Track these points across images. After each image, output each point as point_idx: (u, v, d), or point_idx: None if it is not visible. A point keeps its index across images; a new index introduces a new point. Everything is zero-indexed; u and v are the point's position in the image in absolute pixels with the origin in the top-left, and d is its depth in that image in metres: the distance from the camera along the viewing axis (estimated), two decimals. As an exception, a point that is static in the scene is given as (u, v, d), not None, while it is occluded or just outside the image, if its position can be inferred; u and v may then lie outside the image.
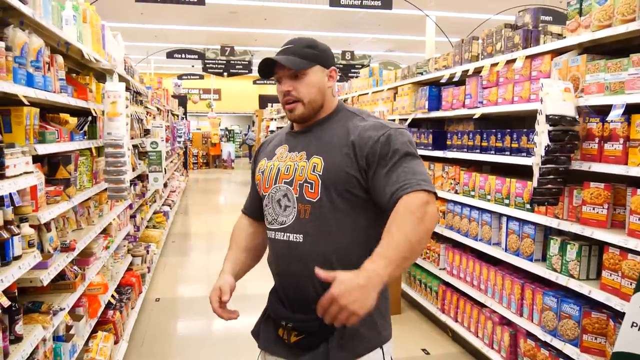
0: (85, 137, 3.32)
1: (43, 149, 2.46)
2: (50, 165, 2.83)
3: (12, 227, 2.11)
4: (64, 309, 2.68)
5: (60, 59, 2.82)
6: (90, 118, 3.35)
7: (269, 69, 1.70)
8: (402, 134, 1.63)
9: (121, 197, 3.58)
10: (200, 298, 5.42)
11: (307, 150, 1.70)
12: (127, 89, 4.80)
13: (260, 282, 1.86)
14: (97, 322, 3.46)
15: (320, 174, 1.63)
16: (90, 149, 3.36)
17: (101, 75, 3.94)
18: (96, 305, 3.39)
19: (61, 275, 2.85)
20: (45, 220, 2.45)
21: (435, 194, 1.54)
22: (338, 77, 1.99)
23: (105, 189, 3.62)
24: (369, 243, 1.65)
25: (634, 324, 1.64)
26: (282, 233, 1.69)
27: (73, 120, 2.96)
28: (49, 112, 2.97)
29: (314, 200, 1.64)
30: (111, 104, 3.43)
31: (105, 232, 3.88)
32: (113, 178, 3.49)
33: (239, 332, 1.96)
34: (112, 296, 3.93)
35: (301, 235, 1.65)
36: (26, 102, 2.24)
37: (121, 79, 4.26)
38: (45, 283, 2.40)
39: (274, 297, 1.81)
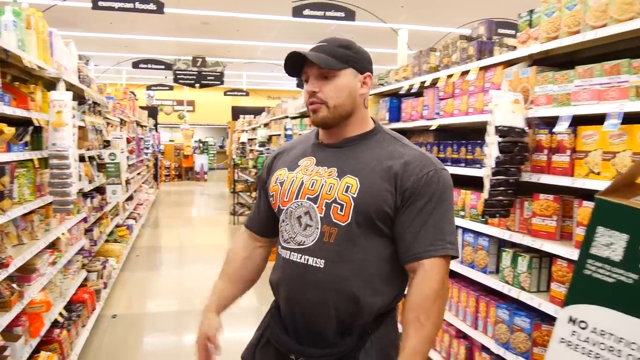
0: (27, 148, 3.20)
1: (-31, 160, 2.34)
2: (-17, 177, 2.70)
3: None
4: (-4, 329, 2.55)
5: (-4, 66, 2.71)
6: (31, 128, 3.22)
7: (297, 66, 1.56)
8: (445, 176, 1.53)
9: (67, 210, 3.45)
10: (164, 313, 5.28)
11: (339, 167, 1.54)
12: (82, 98, 4.68)
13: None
14: (41, 341, 3.31)
15: (355, 196, 1.47)
16: (32, 160, 3.23)
17: (52, 85, 3.82)
18: (38, 324, 3.24)
19: (-5, 293, 2.72)
20: (-28, 236, 2.33)
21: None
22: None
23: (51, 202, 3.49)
24: (393, 276, 1.56)
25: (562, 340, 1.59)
26: (300, 255, 1.53)
27: (10, 130, 2.84)
28: (-15, 121, 2.84)
29: (343, 224, 1.48)
30: (56, 114, 3.32)
31: (53, 246, 3.74)
32: (58, 190, 3.36)
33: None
34: (60, 314, 3.77)
35: (323, 261, 1.49)
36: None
37: (73, 88, 4.14)
38: (-29, 302, 2.27)
39: (277, 323, 1.63)
